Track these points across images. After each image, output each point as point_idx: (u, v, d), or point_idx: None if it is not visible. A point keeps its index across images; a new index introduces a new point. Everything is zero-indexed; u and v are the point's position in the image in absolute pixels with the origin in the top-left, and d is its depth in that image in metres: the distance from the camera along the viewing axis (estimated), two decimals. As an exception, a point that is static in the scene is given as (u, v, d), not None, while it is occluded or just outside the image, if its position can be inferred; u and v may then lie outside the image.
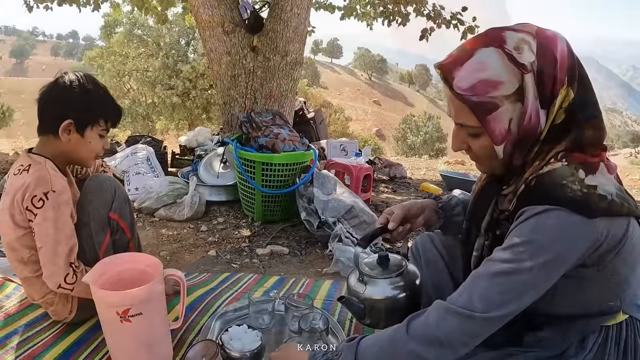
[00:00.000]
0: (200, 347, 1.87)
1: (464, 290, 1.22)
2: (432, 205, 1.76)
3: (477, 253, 1.41)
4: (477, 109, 1.19)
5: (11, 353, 1.90)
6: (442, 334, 1.20)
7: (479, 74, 1.17)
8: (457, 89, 1.20)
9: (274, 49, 4.82)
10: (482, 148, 1.27)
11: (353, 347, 1.33)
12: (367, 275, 1.66)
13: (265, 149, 3.80)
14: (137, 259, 1.88)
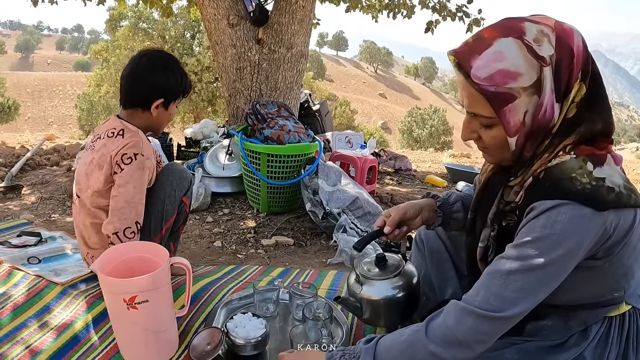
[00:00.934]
0: (205, 334, 1.89)
1: (479, 290, 1.23)
2: (431, 205, 1.75)
3: (483, 244, 1.41)
4: (494, 99, 1.17)
5: (19, 345, 1.93)
6: (460, 335, 1.21)
7: (497, 64, 1.15)
8: (475, 78, 1.17)
9: (280, 42, 4.82)
10: (493, 138, 1.25)
11: (371, 349, 1.34)
12: (364, 276, 1.70)
13: (270, 140, 3.81)
14: (144, 248, 1.90)
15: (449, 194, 1.82)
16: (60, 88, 62.35)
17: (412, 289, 1.69)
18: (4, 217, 3.69)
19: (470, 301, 1.22)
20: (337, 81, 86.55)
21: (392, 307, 1.68)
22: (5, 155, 5.35)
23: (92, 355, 1.88)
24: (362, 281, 1.70)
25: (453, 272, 1.89)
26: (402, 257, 1.78)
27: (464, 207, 1.77)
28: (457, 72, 1.23)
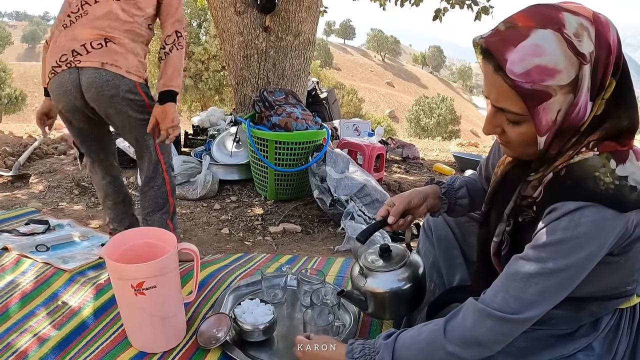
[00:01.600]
0: (213, 320, 1.90)
1: (498, 291, 1.21)
2: (435, 192, 1.72)
3: (498, 239, 1.37)
4: (528, 97, 1.08)
5: (27, 333, 1.94)
6: (479, 335, 1.21)
7: (535, 59, 1.06)
8: (510, 73, 1.08)
9: (287, 29, 4.79)
10: (520, 135, 1.18)
11: (390, 345, 1.33)
12: (368, 268, 1.67)
13: (278, 127, 3.80)
14: (152, 234, 1.90)
15: (453, 179, 1.79)
16: (68, 77, 62.42)
17: (418, 280, 1.66)
18: (12, 205, 3.70)
19: (488, 302, 1.21)
20: (345, 70, 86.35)
21: (397, 299, 1.65)
22: (13, 145, 5.36)
23: (100, 341, 1.88)
24: (366, 273, 1.67)
25: (461, 259, 1.88)
26: (407, 247, 1.75)
27: (469, 193, 1.76)
28: (484, 63, 1.14)
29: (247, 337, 1.83)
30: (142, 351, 1.81)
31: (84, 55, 2.22)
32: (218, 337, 1.80)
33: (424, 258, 1.95)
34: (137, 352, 1.80)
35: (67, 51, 2.23)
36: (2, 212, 3.40)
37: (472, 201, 1.77)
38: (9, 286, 2.28)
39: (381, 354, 1.32)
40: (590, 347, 1.35)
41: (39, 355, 1.79)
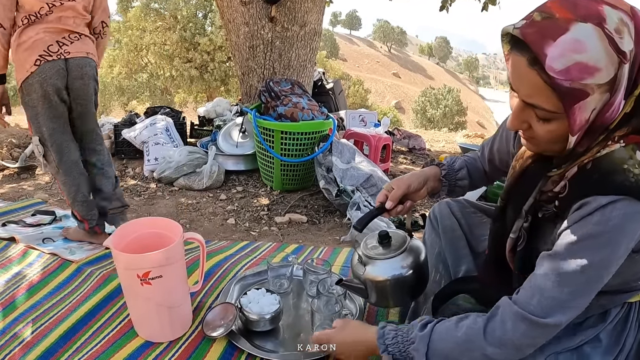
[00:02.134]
0: (219, 309, 1.90)
1: (533, 293, 1.18)
2: (436, 174, 1.70)
3: (515, 235, 1.34)
4: (566, 95, 1.01)
5: (33, 323, 1.95)
6: (515, 339, 1.19)
7: (576, 56, 0.98)
8: (550, 69, 1.00)
9: (293, 19, 4.78)
10: (549, 133, 1.12)
11: (426, 338, 1.30)
12: (367, 256, 1.62)
13: (284, 117, 3.79)
14: (158, 224, 1.90)
15: (453, 160, 1.77)
16: (74, 69, 62.57)
17: (420, 266, 1.61)
18: (19, 197, 3.72)
19: (525, 306, 1.19)
20: (351, 60, 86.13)
21: (399, 287, 1.59)
22: (19, 137, 5.37)
23: (107, 331, 1.88)
24: (364, 261, 1.63)
25: (467, 250, 1.87)
26: (407, 233, 1.71)
27: (469, 174, 1.74)
28: (515, 54, 1.07)
29: (253, 326, 1.83)
30: (148, 341, 1.81)
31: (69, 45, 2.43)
32: (224, 326, 1.80)
33: (429, 248, 1.95)
34: (143, 341, 1.81)
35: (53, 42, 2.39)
36: (9, 204, 3.41)
37: (471, 182, 1.76)
38: (15, 277, 2.29)
39: (416, 345, 1.30)
40: (597, 339, 1.34)
41: (45, 346, 1.79)
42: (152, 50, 19.87)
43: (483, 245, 1.87)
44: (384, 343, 1.36)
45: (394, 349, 1.34)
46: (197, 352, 1.77)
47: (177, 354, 1.75)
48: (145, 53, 20.73)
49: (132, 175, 4.33)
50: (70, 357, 1.73)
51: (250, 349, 1.75)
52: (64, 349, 1.78)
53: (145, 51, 20.52)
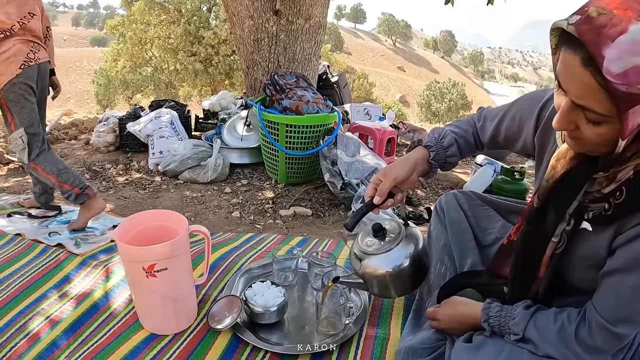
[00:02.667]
0: (224, 302, 1.90)
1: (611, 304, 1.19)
2: (423, 157, 1.68)
3: (556, 239, 1.32)
4: (622, 99, 0.95)
5: (39, 316, 1.95)
6: (600, 345, 1.21)
7: (634, 59, 0.91)
8: (607, 72, 0.93)
9: (297, 12, 4.77)
10: (598, 136, 1.06)
11: (527, 316, 1.34)
12: (362, 251, 1.63)
13: (289, 111, 3.78)
14: (163, 216, 1.89)
15: (442, 136, 1.73)
16: (77, 64, 62.45)
17: (417, 255, 1.61)
18: (24, 190, 3.73)
19: (604, 315, 1.20)
20: (355, 54, 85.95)
21: (398, 278, 1.60)
22: (25, 130, 5.38)
23: (112, 323, 1.88)
24: (360, 257, 1.63)
25: (473, 243, 1.86)
26: (403, 221, 1.70)
27: (459, 150, 1.74)
28: (567, 52, 1.01)
29: (258, 319, 1.83)
30: (153, 333, 1.81)
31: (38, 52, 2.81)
32: (229, 319, 1.80)
33: (435, 240, 1.95)
34: (148, 334, 1.81)
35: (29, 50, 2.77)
36: (14, 198, 3.41)
37: (461, 157, 1.77)
38: (21, 270, 2.30)
39: (517, 320, 1.34)
40: None
41: (51, 338, 1.80)
42: (157, 44, 19.83)
43: (489, 238, 1.88)
44: (487, 315, 1.41)
45: (495, 321, 1.38)
46: (202, 345, 1.77)
47: (182, 347, 1.75)
48: (149, 47, 20.69)
49: (137, 168, 4.34)
50: (76, 350, 1.74)
51: (255, 341, 1.75)
52: (69, 342, 1.79)
53: (150, 45, 20.48)
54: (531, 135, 1.52)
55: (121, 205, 3.45)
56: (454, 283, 1.77)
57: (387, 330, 1.88)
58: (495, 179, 3.88)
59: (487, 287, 1.68)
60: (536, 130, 1.50)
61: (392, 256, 1.58)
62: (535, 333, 1.31)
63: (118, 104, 29.18)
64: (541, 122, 1.47)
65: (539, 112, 1.48)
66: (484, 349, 1.37)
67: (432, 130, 1.79)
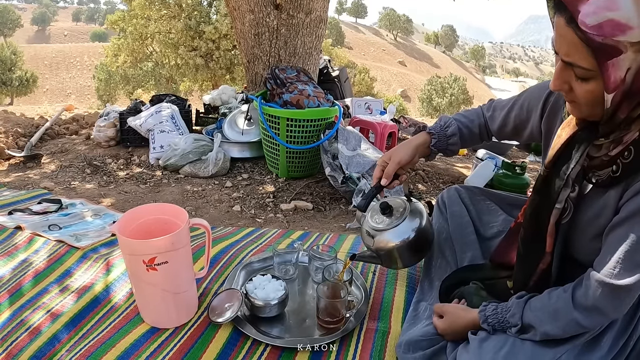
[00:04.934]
0: (224, 295, 1.90)
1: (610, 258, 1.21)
2: (425, 142, 1.82)
3: (560, 206, 1.35)
4: (598, 50, 1.06)
5: (40, 310, 1.95)
6: (599, 304, 1.22)
7: (608, 13, 1.02)
8: (582, 24, 1.05)
9: (298, 6, 4.75)
10: (588, 93, 1.15)
11: (522, 303, 1.39)
12: (373, 228, 1.77)
13: (289, 105, 3.78)
14: (164, 209, 1.89)
15: (447, 125, 1.84)
16: (78, 59, 62.54)
17: (422, 228, 1.75)
18: (25, 185, 3.72)
19: (603, 271, 1.21)
20: (356, 48, 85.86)
21: (406, 249, 1.75)
22: (25, 126, 5.37)
23: (113, 317, 1.88)
24: (372, 234, 1.78)
25: (474, 237, 1.89)
26: (406, 198, 1.84)
27: (461, 139, 1.84)
28: (556, 15, 1.12)
29: (258, 312, 1.83)
30: (154, 327, 1.81)
31: None
32: (229, 312, 1.80)
33: (437, 234, 1.97)
34: (149, 327, 1.81)
35: None
36: (15, 194, 3.41)
37: (462, 146, 1.87)
38: (22, 264, 2.29)
39: (513, 310, 1.39)
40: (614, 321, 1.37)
41: (52, 331, 1.80)
42: (157, 39, 19.80)
43: (491, 232, 1.90)
44: (485, 315, 1.45)
45: (493, 319, 1.42)
46: (203, 338, 1.77)
47: (182, 340, 1.75)
48: (150, 42, 20.68)
49: (138, 163, 4.34)
50: (77, 343, 1.74)
51: (256, 334, 1.75)
52: (70, 335, 1.79)
53: (150, 40, 20.46)
54: (538, 120, 1.59)
55: (122, 200, 3.45)
56: (454, 277, 1.79)
57: (387, 323, 1.88)
58: (496, 173, 3.88)
59: (489, 282, 1.69)
60: (542, 115, 1.56)
61: (401, 230, 1.73)
62: (532, 315, 1.34)
63: (119, 99, 29.22)
64: (547, 106, 1.54)
65: (546, 98, 1.55)
66: (488, 341, 1.39)
67: (440, 117, 1.89)
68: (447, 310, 1.60)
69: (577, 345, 1.33)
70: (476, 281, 1.72)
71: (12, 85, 32.30)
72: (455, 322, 1.55)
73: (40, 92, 41.00)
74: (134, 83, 24.77)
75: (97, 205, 3.25)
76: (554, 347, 1.32)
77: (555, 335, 1.30)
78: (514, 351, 1.33)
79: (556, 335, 1.30)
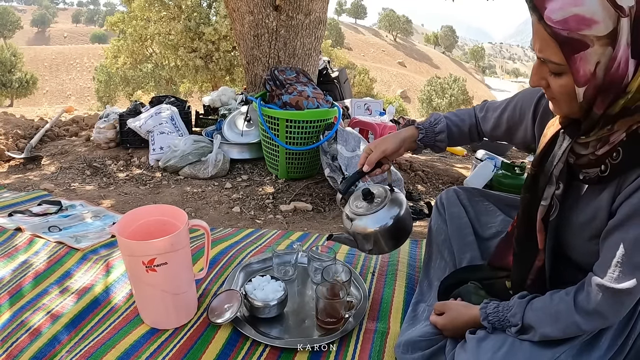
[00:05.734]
0: (224, 296, 1.91)
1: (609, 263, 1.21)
2: (412, 137, 1.85)
3: (546, 202, 1.38)
4: (565, 45, 1.10)
5: (40, 311, 1.96)
6: (600, 308, 1.23)
7: (573, 8, 1.07)
8: (548, 20, 1.10)
9: (297, 8, 4.76)
10: (561, 87, 1.19)
11: (524, 303, 1.39)
12: (353, 213, 1.81)
13: (289, 106, 3.78)
14: (163, 211, 1.90)
15: (437, 121, 1.86)
16: (78, 61, 62.54)
17: (401, 217, 1.77)
18: (25, 187, 3.73)
19: (603, 275, 1.22)
20: (356, 49, 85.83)
21: (383, 236, 1.77)
22: (25, 128, 5.38)
23: (113, 317, 1.89)
24: (352, 217, 1.80)
25: (473, 238, 1.91)
26: (389, 187, 1.85)
27: (448, 137, 1.86)
28: (532, 14, 1.16)
29: (257, 313, 1.84)
30: (153, 327, 1.82)
31: None
32: (229, 313, 1.81)
33: (435, 235, 1.99)
34: (148, 328, 1.82)
35: None
36: (15, 196, 3.42)
37: (450, 144, 1.90)
38: (22, 266, 2.30)
39: (514, 310, 1.39)
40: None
41: (53, 332, 1.81)
42: (157, 40, 19.81)
43: (490, 232, 1.91)
44: (486, 313, 1.46)
45: (494, 317, 1.43)
46: (202, 339, 1.78)
47: (182, 341, 1.76)
48: (149, 43, 20.70)
49: (138, 164, 4.34)
50: (77, 344, 1.75)
51: (255, 335, 1.76)
52: (70, 336, 1.80)
53: (150, 41, 20.49)
54: (531, 123, 1.60)
55: (122, 201, 3.46)
56: (453, 278, 1.80)
57: (386, 324, 1.90)
58: (495, 173, 3.88)
59: (488, 282, 1.70)
60: (535, 118, 1.58)
61: (379, 217, 1.76)
62: (533, 316, 1.34)
63: (119, 101, 29.21)
64: (540, 109, 1.56)
65: (537, 100, 1.57)
66: (487, 341, 1.40)
67: (432, 114, 1.91)
68: (449, 307, 1.61)
69: (575, 346, 1.34)
70: (475, 281, 1.73)
71: (12, 87, 32.31)
72: (456, 318, 1.56)
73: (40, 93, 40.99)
74: (134, 84, 24.79)
75: (97, 206, 3.26)
76: (553, 348, 1.33)
77: (555, 336, 1.31)
78: (512, 351, 1.34)
79: (555, 336, 1.31)
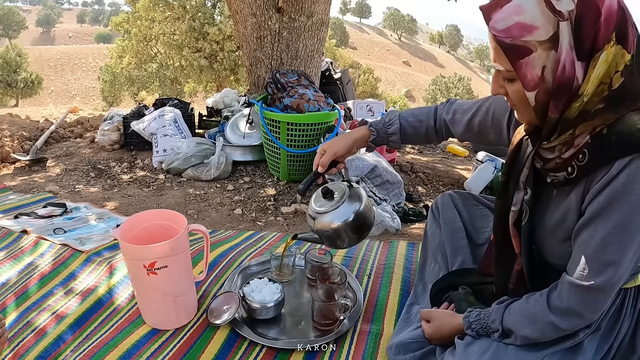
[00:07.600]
0: (222, 298, 1.95)
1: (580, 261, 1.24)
2: (364, 137, 1.90)
3: (516, 208, 1.41)
4: (510, 51, 1.16)
5: (46, 312, 2.02)
6: (574, 306, 1.26)
7: (515, 17, 1.14)
8: (493, 30, 1.17)
9: (300, 10, 4.78)
10: (515, 93, 1.24)
11: (502, 308, 1.43)
12: (315, 212, 1.83)
13: (290, 109, 3.82)
14: (164, 215, 1.95)
15: (391, 122, 1.90)
16: (83, 61, 62.52)
17: (361, 210, 1.80)
18: (30, 189, 3.78)
19: (574, 273, 1.25)
20: (361, 49, 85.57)
21: (345, 231, 1.79)
22: (30, 129, 5.42)
23: (115, 318, 1.94)
24: (314, 216, 1.83)
25: (465, 242, 1.94)
26: (348, 183, 1.88)
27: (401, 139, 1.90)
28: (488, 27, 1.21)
29: (255, 314, 1.88)
30: (155, 328, 1.87)
31: None
32: (227, 314, 1.86)
33: (430, 239, 2.02)
34: (150, 329, 1.87)
35: None
36: (20, 198, 3.47)
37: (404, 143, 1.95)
38: (28, 268, 2.36)
39: (494, 316, 1.43)
40: (597, 327, 1.39)
41: (57, 332, 1.86)
42: (161, 40, 19.81)
43: (483, 237, 1.94)
44: (469, 321, 1.49)
45: (477, 325, 1.46)
46: (201, 339, 1.83)
47: (182, 341, 1.81)
48: (154, 43, 20.68)
49: (141, 166, 4.39)
50: (81, 344, 1.80)
51: (253, 336, 1.81)
52: (74, 336, 1.85)
53: (155, 41, 20.47)
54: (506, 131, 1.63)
55: (125, 203, 3.50)
56: (445, 281, 1.84)
57: (380, 326, 1.94)
58: (495, 175, 3.91)
59: (478, 287, 1.74)
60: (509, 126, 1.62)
61: (339, 212, 1.78)
62: (511, 320, 1.38)
63: (123, 100, 29.20)
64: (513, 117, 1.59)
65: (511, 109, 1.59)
66: (473, 346, 1.43)
67: (389, 111, 1.95)
68: (434, 316, 1.64)
69: (559, 350, 1.36)
70: (465, 286, 1.76)
71: (17, 87, 32.32)
72: (442, 327, 1.59)
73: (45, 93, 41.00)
74: (139, 84, 24.78)
75: (101, 208, 3.31)
76: (537, 351, 1.36)
77: (535, 338, 1.34)
78: (497, 355, 1.37)
79: (536, 338, 1.34)
